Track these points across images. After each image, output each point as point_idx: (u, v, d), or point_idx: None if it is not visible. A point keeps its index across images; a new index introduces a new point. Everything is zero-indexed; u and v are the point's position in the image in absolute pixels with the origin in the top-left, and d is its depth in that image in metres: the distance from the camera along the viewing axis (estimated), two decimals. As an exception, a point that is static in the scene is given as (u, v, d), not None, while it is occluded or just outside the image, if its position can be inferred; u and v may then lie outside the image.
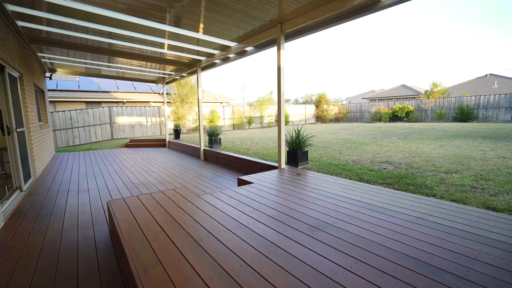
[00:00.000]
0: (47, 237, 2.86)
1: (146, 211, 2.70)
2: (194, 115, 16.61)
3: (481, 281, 1.53)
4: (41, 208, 3.79)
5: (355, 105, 23.13)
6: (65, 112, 11.92)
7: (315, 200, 2.98)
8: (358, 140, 8.54)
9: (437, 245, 1.95)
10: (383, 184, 3.72)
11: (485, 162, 4.58)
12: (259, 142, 9.29)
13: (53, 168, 6.66)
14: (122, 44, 5.71)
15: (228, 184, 4.90)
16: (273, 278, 1.55)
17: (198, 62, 7.41)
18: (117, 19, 4.27)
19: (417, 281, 1.53)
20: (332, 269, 1.65)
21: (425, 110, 18.52)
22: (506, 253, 1.81)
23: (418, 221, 2.38)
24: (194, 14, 4.15)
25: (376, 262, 1.73)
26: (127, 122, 14.04)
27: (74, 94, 15.43)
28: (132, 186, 4.88)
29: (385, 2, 3.41)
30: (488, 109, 16.00)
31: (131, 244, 1.98)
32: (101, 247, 2.61)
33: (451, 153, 5.52)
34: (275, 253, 1.85)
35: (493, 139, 7.39)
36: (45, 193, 4.50)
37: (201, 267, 1.67)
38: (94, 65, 7.92)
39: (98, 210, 3.65)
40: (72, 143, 12.13)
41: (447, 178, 3.77)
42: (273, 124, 21.38)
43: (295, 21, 4.20)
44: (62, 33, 5.03)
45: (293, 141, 5.02)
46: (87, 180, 5.34)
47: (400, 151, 6.05)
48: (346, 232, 2.17)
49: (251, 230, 2.25)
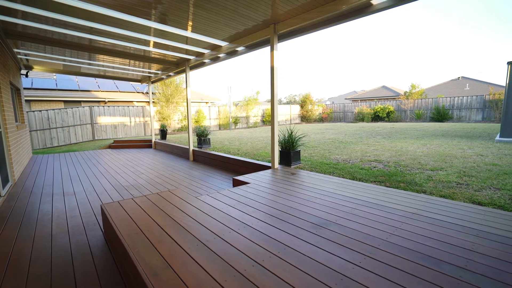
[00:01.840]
0: (36, 244, 2.70)
1: (145, 213, 2.62)
2: (179, 115, 16.30)
3: (480, 270, 1.63)
4: (24, 213, 3.57)
5: (339, 106, 23.71)
6: (42, 111, 11.28)
7: (313, 199, 3.04)
8: (345, 139, 8.76)
9: (435, 239, 2.05)
10: (375, 182, 3.85)
11: (465, 159, 4.86)
12: (248, 142, 9.28)
13: (32, 171, 6.29)
14: (104, 41, 5.45)
15: (221, 184, 4.86)
16: (288, 277, 1.57)
17: (187, 61, 7.29)
18: (98, 13, 4.03)
19: (423, 273, 1.60)
20: (342, 265, 1.69)
21: (404, 110, 19.34)
22: (498, 244, 1.94)
23: (414, 216, 2.48)
24: (182, 11, 3.99)
25: (383, 257, 1.79)
26: (110, 122, 13.53)
27: (51, 92, 14.63)
28: (121, 188, 4.71)
29: (377, 6, 3.53)
30: (461, 110, 16.98)
31: (135, 248, 1.91)
32: (97, 252, 2.51)
33: (434, 151, 5.81)
34: (284, 252, 1.86)
35: (469, 138, 7.86)
36: (26, 198, 4.24)
37: (213, 269, 1.65)
38: (74, 62, 7.50)
39: (88, 214, 3.49)
40: (50, 145, 11.50)
41: (433, 175, 3.97)
42: (259, 124, 21.45)
43: (289, 22, 4.25)
44: (39, 27, 4.71)
45: (286, 141, 5.07)
46: (72, 183, 5.10)
47: (387, 150, 6.28)
48: (349, 229, 2.23)
49: (256, 230, 2.25)
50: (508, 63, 6.88)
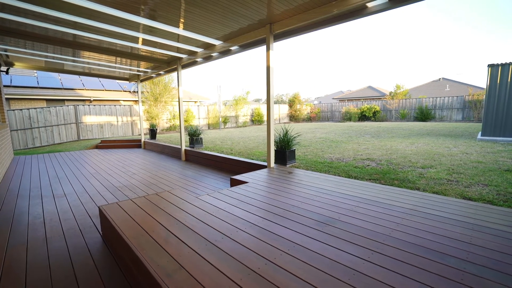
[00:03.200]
0: (30, 249, 2.59)
1: (147, 214, 2.57)
2: (168, 114, 16.03)
3: (481, 262, 1.72)
4: (13, 217, 3.41)
5: (326, 105, 24.11)
6: (23, 110, 10.77)
7: (313, 197, 3.08)
8: (335, 138, 8.93)
9: (435, 233, 2.14)
10: (370, 179, 3.96)
11: (452, 157, 5.09)
12: (239, 141, 9.27)
13: (16, 172, 6.00)
14: (89, 37, 5.22)
15: (217, 184, 4.84)
16: (302, 274, 1.59)
17: (179, 59, 7.18)
18: (83, 7, 3.84)
19: (430, 266, 1.67)
20: (352, 261, 1.74)
21: (390, 110, 19.93)
22: (494, 237, 2.05)
23: (412, 212, 2.58)
24: (173, 7, 3.86)
25: (389, 252, 1.85)
26: (96, 121, 13.10)
27: (32, 91, 13.97)
28: (114, 189, 4.59)
29: (372, 9, 3.63)
30: (443, 110, 17.71)
31: (143, 249, 1.88)
32: (97, 255, 2.43)
33: (422, 150, 6.03)
34: (294, 250, 1.89)
35: (452, 137, 8.22)
36: (13, 201, 4.05)
37: (226, 268, 1.65)
38: (57, 59, 7.15)
39: (82, 216, 3.38)
40: (32, 145, 11.00)
41: (424, 173, 4.13)
42: (248, 123, 21.45)
43: (285, 22, 4.28)
44: (18, 21, 4.44)
45: (281, 140, 5.11)
46: (61, 185, 4.91)
47: (377, 148, 6.46)
48: (353, 226, 2.29)
49: (262, 228, 2.26)
50: (489, 66, 7.24)
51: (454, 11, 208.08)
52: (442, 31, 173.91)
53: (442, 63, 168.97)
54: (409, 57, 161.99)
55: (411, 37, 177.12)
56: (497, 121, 7.11)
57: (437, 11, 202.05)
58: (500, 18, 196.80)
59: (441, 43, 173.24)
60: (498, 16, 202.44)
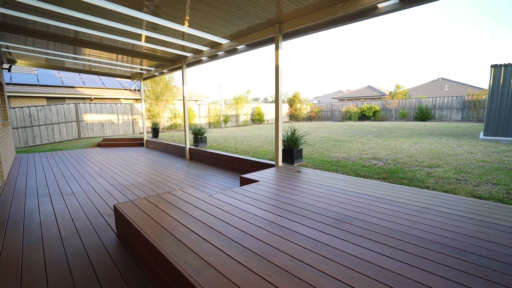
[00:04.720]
0: (46, 247, 2.59)
1: (163, 212, 2.58)
2: (169, 113, 15.99)
3: (502, 259, 1.75)
4: (24, 216, 3.40)
5: (326, 105, 24.17)
6: (24, 108, 10.69)
7: (326, 195, 3.11)
8: (338, 138, 8.97)
9: (451, 230, 2.17)
10: (379, 178, 3.99)
11: (457, 157, 5.14)
12: (243, 140, 9.29)
13: (21, 170, 5.97)
14: (91, 33, 5.13)
15: (224, 182, 4.85)
16: (328, 270, 1.62)
17: (184, 58, 7.16)
18: (86, 3, 3.73)
19: (451, 262, 1.71)
20: (376, 257, 1.76)
21: (389, 110, 20.03)
22: (509, 234, 2.09)
23: (425, 210, 2.61)
24: (179, 3, 3.77)
25: (410, 248, 1.88)
26: (96, 120, 13.04)
27: (32, 88, 13.87)
28: (122, 188, 4.59)
29: (383, 9, 3.65)
30: (443, 110, 17.83)
31: (167, 247, 1.89)
32: (115, 253, 2.44)
33: (427, 149, 6.09)
34: (316, 247, 1.91)
35: (454, 136, 8.29)
36: (22, 199, 4.04)
37: (254, 266, 1.67)
38: (58, 56, 7.04)
39: (94, 214, 3.38)
40: (33, 143, 10.93)
41: (432, 172, 4.18)
42: (249, 122, 21.46)
43: (295, 22, 4.29)
44: (19, 17, 4.35)
45: (288, 139, 5.13)
46: (68, 183, 4.90)
47: (382, 148, 6.51)
48: (370, 224, 2.32)
49: (282, 226, 2.28)
50: (492, 66, 7.32)
51: (453, 11, 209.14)
52: (441, 31, 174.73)
53: (440, 63, 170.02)
54: (407, 57, 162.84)
55: (410, 37, 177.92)
56: (500, 121, 7.19)
57: (437, 11, 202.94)
58: (500, 18, 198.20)
59: (440, 44, 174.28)
60: (498, 16, 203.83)
